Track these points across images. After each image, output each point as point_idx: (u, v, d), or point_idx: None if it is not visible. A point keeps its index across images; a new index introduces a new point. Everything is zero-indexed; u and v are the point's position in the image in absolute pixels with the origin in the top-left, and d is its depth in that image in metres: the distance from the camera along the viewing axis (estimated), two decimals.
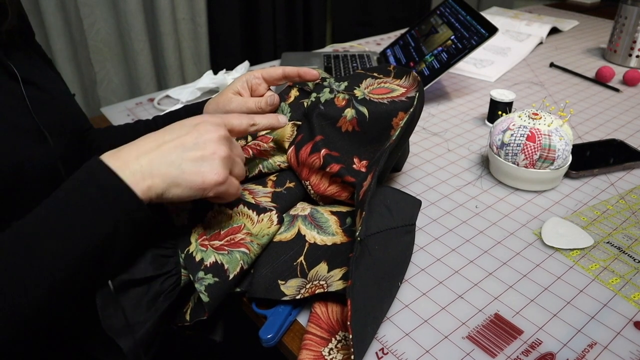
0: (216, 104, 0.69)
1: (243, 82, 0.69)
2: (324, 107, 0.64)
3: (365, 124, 0.63)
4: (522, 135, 0.69)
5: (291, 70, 0.68)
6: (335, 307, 0.51)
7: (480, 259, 0.60)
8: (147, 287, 0.48)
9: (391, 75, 0.68)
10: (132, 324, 0.46)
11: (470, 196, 0.71)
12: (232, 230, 0.53)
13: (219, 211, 0.54)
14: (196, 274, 0.49)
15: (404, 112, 0.63)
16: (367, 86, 0.66)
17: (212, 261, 0.50)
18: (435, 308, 0.53)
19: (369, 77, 0.68)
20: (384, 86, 0.67)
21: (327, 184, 0.61)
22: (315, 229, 0.57)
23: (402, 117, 0.63)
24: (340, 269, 0.53)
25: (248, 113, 0.68)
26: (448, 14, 1.09)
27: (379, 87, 0.66)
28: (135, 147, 0.47)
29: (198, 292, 0.48)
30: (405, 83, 0.67)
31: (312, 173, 0.61)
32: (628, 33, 1.17)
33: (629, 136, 0.87)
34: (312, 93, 0.67)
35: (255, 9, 1.80)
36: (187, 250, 0.51)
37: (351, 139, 0.63)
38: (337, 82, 0.68)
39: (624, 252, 0.61)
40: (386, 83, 0.67)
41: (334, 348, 0.47)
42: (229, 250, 0.51)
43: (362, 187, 0.55)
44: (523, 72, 1.17)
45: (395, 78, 0.68)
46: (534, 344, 0.49)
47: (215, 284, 0.49)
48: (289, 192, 0.62)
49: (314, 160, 0.60)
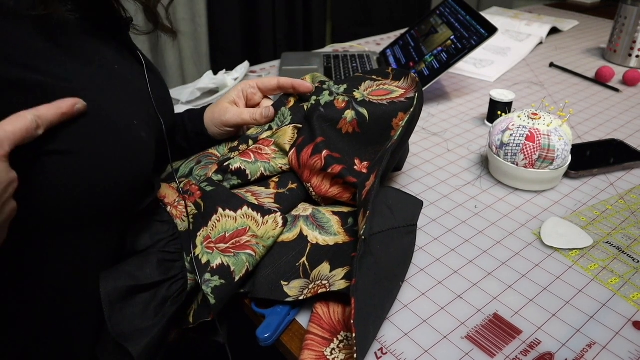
0: (212, 114, 0.69)
1: (239, 91, 0.69)
2: (324, 109, 0.64)
3: (365, 125, 0.63)
4: (522, 135, 0.69)
5: (285, 82, 0.68)
6: (337, 307, 0.51)
7: (479, 259, 0.60)
8: (154, 293, 0.48)
9: (390, 78, 0.68)
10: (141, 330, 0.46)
11: (469, 196, 0.72)
12: (238, 233, 0.53)
13: (223, 215, 0.54)
14: (203, 276, 0.49)
15: (404, 112, 0.63)
16: (366, 88, 0.67)
17: (218, 263, 0.50)
18: (434, 308, 0.53)
19: (368, 79, 0.69)
20: (383, 88, 0.67)
21: (329, 186, 0.61)
22: (317, 229, 0.58)
23: (402, 118, 0.63)
24: (343, 269, 0.53)
25: (242, 125, 0.69)
26: (448, 14, 1.09)
27: (378, 89, 0.67)
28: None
29: (205, 294, 0.49)
30: (404, 84, 0.67)
31: (313, 175, 0.62)
32: (628, 33, 1.17)
33: (629, 136, 0.87)
34: (312, 96, 0.67)
35: (255, 9, 1.80)
36: (193, 253, 0.51)
37: (352, 140, 0.64)
38: (336, 84, 0.68)
39: (623, 252, 0.61)
40: (385, 85, 0.68)
41: (335, 348, 0.47)
42: (235, 252, 0.52)
43: (365, 187, 0.55)
44: (523, 72, 1.17)
45: (394, 80, 0.68)
46: (532, 343, 0.49)
47: (221, 285, 0.49)
48: (292, 193, 0.62)
49: (316, 161, 0.60)
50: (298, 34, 1.97)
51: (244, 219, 0.55)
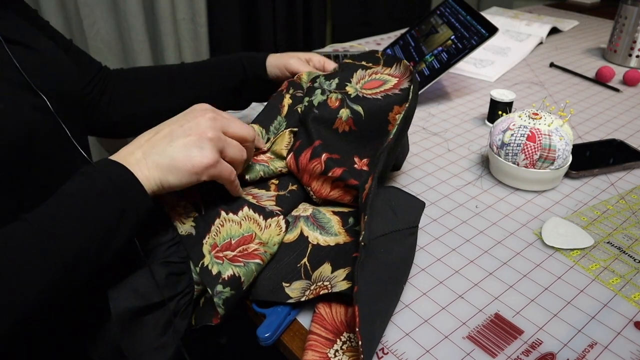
0: (276, 59, 0.77)
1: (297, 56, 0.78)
2: (318, 110, 0.63)
3: (361, 122, 0.62)
4: (523, 135, 0.69)
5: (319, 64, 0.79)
6: (340, 307, 0.51)
7: (480, 258, 0.60)
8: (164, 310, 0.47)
9: (380, 63, 0.67)
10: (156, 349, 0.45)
11: (470, 196, 0.71)
12: (244, 240, 0.52)
13: (226, 219, 0.53)
14: (214, 288, 0.49)
15: (399, 105, 0.62)
16: (358, 80, 0.65)
17: (229, 274, 0.49)
18: (435, 308, 0.53)
19: (359, 67, 0.67)
20: (375, 78, 0.65)
21: (329, 189, 0.61)
22: (318, 229, 0.57)
23: (398, 111, 0.62)
24: (344, 269, 0.52)
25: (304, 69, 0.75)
26: (448, 14, 1.09)
27: (371, 79, 0.65)
28: (130, 145, 0.48)
29: (216, 305, 0.48)
30: (397, 72, 0.65)
31: (313, 179, 0.61)
32: (628, 33, 1.17)
33: (629, 136, 0.87)
34: (304, 97, 0.66)
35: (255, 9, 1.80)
36: (202, 264, 0.50)
37: (349, 139, 0.63)
38: (327, 80, 0.66)
39: (624, 252, 0.61)
40: (377, 74, 0.66)
41: (339, 350, 0.47)
42: (245, 262, 0.51)
43: (365, 190, 0.55)
44: (523, 72, 1.17)
45: (385, 66, 0.66)
46: (534, 344, 0.49)
47: (232, 296, 0.49)
48: (292, 195, 0.62)
49: (315, 165, 0.60)
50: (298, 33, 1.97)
51: (248, 222, 0.54)
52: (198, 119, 0.49)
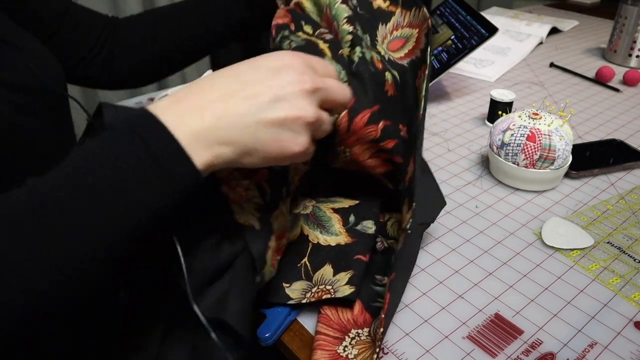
0: None
1: None
2: (373, 67, 0.55)
3: (399, 87, 0.57)
4: (523, 135, 0.69)
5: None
6: (345, 307, 0.52)
7: (480, 258, 0.60)
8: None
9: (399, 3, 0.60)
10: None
11: (470, 196, 0.71)
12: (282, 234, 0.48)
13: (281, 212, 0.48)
14: None
15: (422, 70, 0.57)
16: (382, 38, 0.59)
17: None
18: (435, 308, 0.53)
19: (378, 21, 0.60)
20: (397, 36, 0.60)
21: (368, 155, 0.57)
22: (318, 228, 0.57)
23: (421, 77, 0.56)
24: (346, 273, 0.52)
25: None
26: (448, 14, 1.09)
27: (393, 38, 0.60)
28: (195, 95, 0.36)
29: None
30: (416, 20, 0.59)
31: (359, 143, 0.56)
32: (628, 33, 1.17)
33: (629, 136, 0.87)
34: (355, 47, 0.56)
35: None
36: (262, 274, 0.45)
37: (396, 104, 0.57)
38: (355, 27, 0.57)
39: (624, 252, 0.61)
40: (397, 29, 0.60)
41: (348, 345, 0.47)
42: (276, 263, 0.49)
43: (407, 174, 0.52)
44: (523, 72, 1.17)
45: (404, 8, 0.60)
46: (534, 343, 0.49)
47: None
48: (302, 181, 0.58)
49: (370, 131, 0.54)
50: None
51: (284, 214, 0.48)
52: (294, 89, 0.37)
